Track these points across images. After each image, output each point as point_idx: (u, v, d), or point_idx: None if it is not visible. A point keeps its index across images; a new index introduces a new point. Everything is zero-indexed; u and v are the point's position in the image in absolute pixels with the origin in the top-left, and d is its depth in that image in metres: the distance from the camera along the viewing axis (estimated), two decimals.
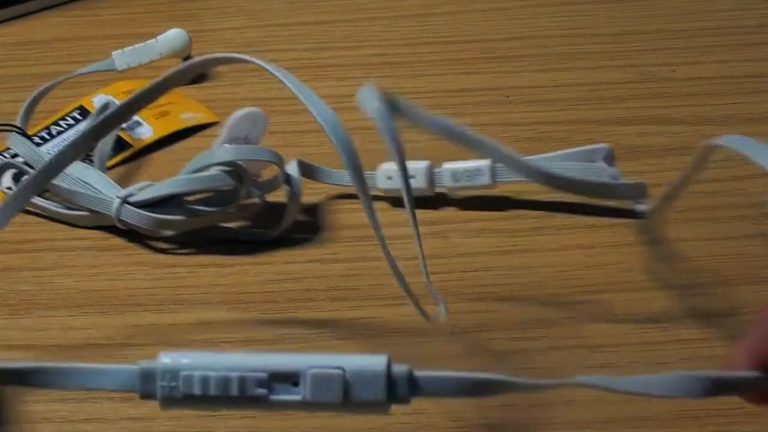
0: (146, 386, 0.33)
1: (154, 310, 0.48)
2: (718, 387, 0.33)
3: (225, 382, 0.32)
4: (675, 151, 0.56)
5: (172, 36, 0.64)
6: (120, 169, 0.57)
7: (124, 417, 0.43)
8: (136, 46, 0.63)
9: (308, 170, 0.54)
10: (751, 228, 0.51)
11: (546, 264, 0.49)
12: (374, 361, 0.32)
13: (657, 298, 0.47)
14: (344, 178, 0.54)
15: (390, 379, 0.32)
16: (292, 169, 0.52)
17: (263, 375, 0.32)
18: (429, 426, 0.42)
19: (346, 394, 0.32)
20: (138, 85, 0.61)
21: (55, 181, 0.52)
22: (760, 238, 0.50)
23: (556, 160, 0.52)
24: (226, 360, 0.33)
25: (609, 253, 0.50)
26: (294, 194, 0.52)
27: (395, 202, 0.53)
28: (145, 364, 0.33)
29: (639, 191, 0.50)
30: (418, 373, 0.32)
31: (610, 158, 0.52)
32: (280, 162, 0.51)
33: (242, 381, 0.32)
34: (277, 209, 0.52)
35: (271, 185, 0.52)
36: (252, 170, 0.51)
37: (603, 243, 0.50)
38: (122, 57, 0.63)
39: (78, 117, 0.60)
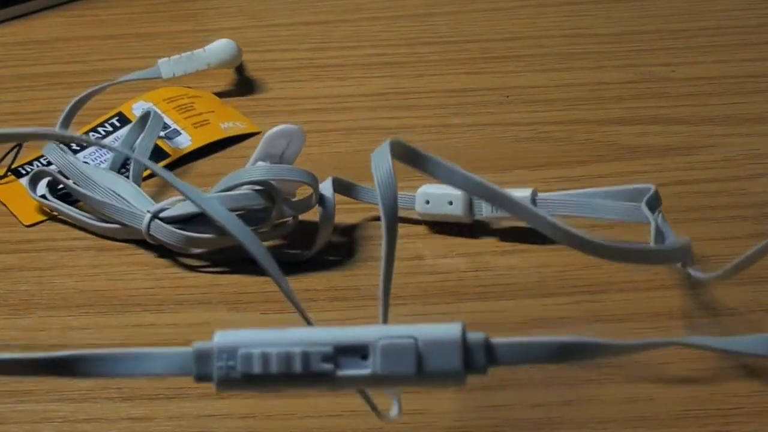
0: (202, 368, 0.31)
1: (154, 310, 0.48)
2: None
3: (287, 358, 0.30)
4: (675, 151, 0.56)
5: (221, 47, 0.63)
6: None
7: (124, 417, 0.43)
8: (183, 54, 0.61)
9: (345, 188, 0.52)
10: (751, 228, 0.51)
11: (546, 264, 0.49)
12: (448, 329, 0.30)
13: (657, 298, 0.47)
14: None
15: (466, 347, 0.30)
16: (326, 188, 0.51)
17: (328, 349, 0.30)
18: (429, 426, 0.42)
19: (419, 366, 0.30)
20: (179, 93, 0.61)
21: (87, 192, 0.51)
22: (760, 238, 0.50)
23: (597, 196, 0.49)
24: (287, 335, 0.30)
25: None
26: (327, 216, 0.50)
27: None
28: (199, 344, 0.31)
29: (684, 254, 0.44)
30: (496, 340, 0.30)
31: (654, 201, 0.48)
32: (314, 182, 0.49)
33: (306, 356, 0.30)
34: (312, 229, 0.51)
35: (304, 205, 0.50)
36: (286, 189, 0.50)
37: None
38: (168, 66, 0.61)
39: (117, 124, 0.59)
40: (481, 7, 0.70)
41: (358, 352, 0.30)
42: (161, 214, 0.49)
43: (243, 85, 0.63)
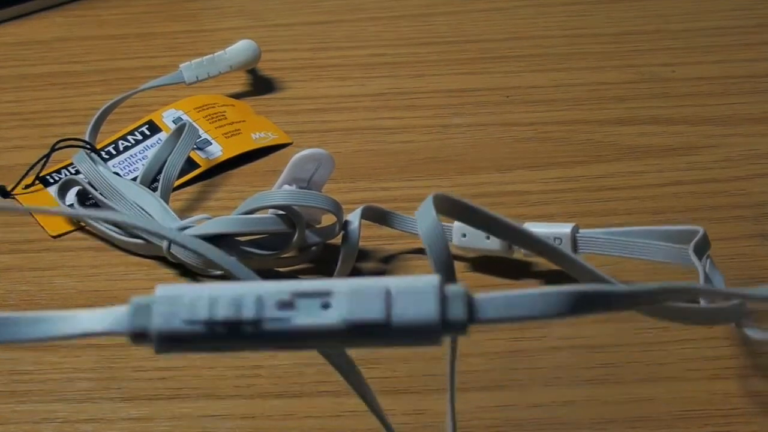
0: (139, 321, 0.27)
1: None
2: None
3: (237, 303, 0.26)
4: (675, 151, 0.56)
5: (242, 47, 0.62)
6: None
7: (124, 417, 0.43)
8: (204, 58, 0.61)
9: (380, 216, 0.50)
10: (751, 228, 0.51)
11: (546, 264, 0.49)
12: (425, 279, 0.27)
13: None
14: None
15: (444, 297, 0.27)
16: (354, 217, 0.49)
17: (285, 295, 0.27)
18: (429, 426, 0.42)
19: (389, 314, 0.26)
20: (210, 101, 0.60)
21: (113, 204, 0.51)
22: (760, 238, 0.50)
23: (640, 236, 0.46)
24: (240, 285, 0.27)
25: None
26: (349, 249, 0.48)
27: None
28: (138, 298, 0.28)
29: (736, 313, 0.40)
30: (479, 295, 0.27)
31: (702, 245, 0.45)
32: (337, 211, 0.48)
33: (260, 301, 0.27)
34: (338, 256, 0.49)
35: (328, 233, 0.49)
36: (310, 215, 0.48)
37: None
38: (191, 70, 0.60)
39: (147, 132, 0.58)
40: (481, 7, 0.70)
41: (321, 297, 0.27)
42: (183, 233, 0.48)
43: (243, 85, 0.63)
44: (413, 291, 0.27)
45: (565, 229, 0.47)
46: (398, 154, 0.57)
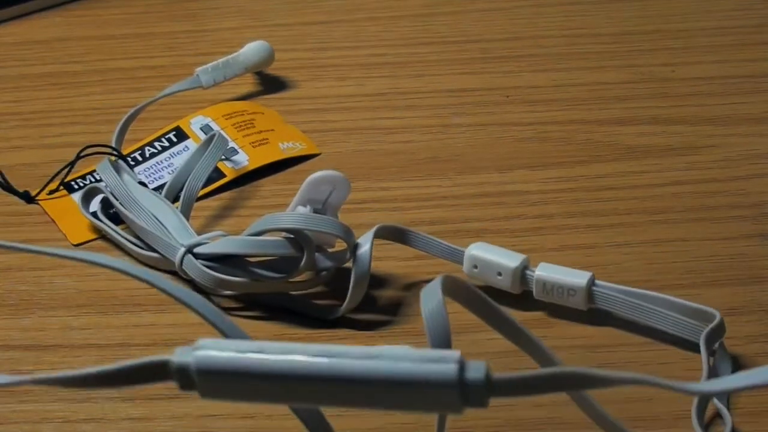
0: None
1: (154, 310, 0.48)
2: None
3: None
4: (675, 151, 0.56)
5: (255, 49, 0.62)
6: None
7: (124, 417, 0.43)
8: (220, 60, 0.61)
9: (398, 234, 0.49)
10: (751, 228, 0.51)
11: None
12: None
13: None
14: (442, 249, 0.48)
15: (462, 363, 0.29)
16: (365, 240, 0.47)
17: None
18: (429, 426, 0.42)
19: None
20: (238, 108, 0.60)
21: (131, 215, 0.50)
22: (760, 238, 0.50)
23: (657, 303, 0.45)
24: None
25: (609, 253, 0.50)
26: (359, 276, 0.47)
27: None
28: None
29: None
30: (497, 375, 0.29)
31: (717, 332, 0.44)
32: (349, 237, 0.46)
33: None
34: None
35: (339, 258, 0.47)
36: (322, 239, 0.47)
37: (603, 243, 0.50)
38: (208, 74, 0.60)
39: (174, 139, 0.57)
40: (481, 7, 0.70)
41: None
42: (196, 250, 0.47)
43: (242, 86, 0.63)
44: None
45: (580, 279, 0.46)
46: (398, 154, 0.57)
